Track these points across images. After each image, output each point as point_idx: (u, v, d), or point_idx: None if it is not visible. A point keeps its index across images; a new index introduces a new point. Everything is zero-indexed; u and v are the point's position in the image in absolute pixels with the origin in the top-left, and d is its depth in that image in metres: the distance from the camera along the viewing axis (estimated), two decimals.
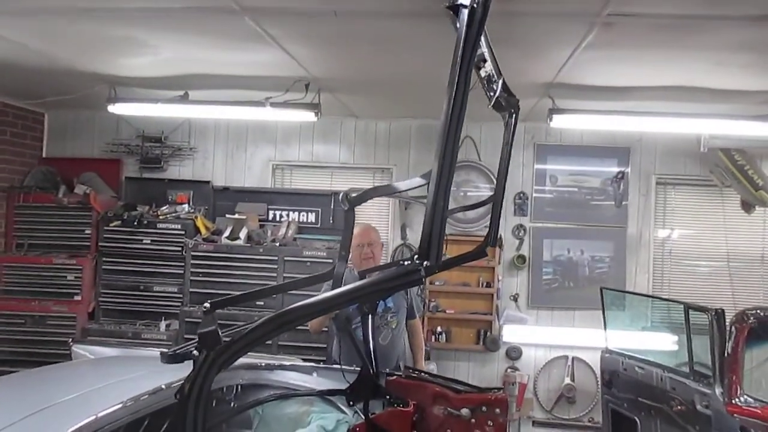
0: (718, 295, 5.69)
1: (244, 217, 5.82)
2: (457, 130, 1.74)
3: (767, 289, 5.79)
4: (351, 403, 3.33)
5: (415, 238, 6.00)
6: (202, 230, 5.79)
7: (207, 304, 1.90)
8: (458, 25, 1.75)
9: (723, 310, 3.39)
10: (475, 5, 1.71)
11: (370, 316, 3.37)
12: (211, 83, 4.79)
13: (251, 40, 3.70)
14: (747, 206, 5.46)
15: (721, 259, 5.82)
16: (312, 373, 3.50)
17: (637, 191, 5.92)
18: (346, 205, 2.87)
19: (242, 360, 2.15)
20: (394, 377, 3.36)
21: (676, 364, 3.88)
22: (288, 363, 3.55)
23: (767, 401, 3.11)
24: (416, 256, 1.73)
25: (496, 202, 1.99)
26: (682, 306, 3.72)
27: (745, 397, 3.15)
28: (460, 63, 1.72)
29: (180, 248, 5.71)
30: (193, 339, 1.84)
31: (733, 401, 3.15)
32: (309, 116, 4.92)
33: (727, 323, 3.38)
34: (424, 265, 1.72)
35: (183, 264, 5.67)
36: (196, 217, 5.85)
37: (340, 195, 2.88)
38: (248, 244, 5.62)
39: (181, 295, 5.69)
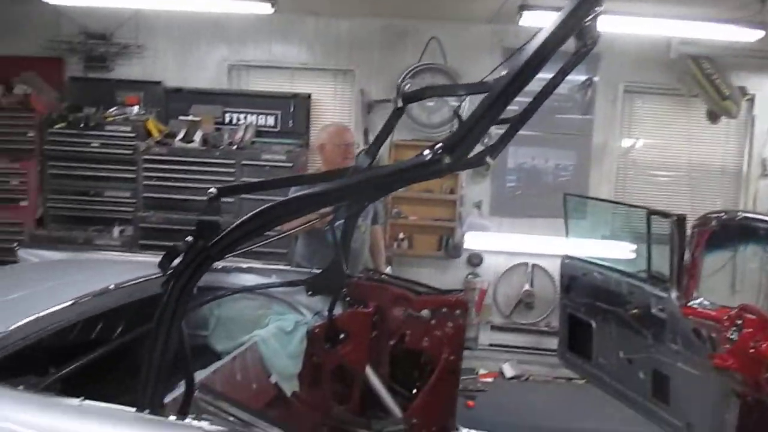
0: (678, 206, 5.70)
1: (198, 119, 5.55)
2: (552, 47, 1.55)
3: (725, 200, 5.87)
4: (311, 292, 3.28)
5: None
6: (154, 133, 5.51)
7: (213, 190, 1.74)
8: None
9: (685, 216, 3.37)
10: None
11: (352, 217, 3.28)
12: None
13: None
14: (713, 116, 5.43)
15: (682, 169, 5.84)
16: (271, 276, 3.41)
17: (604, 99, 5.81)
18: (399, 103, 2.63)
19: None
20: (354, 279, 3.30)
21: (635, 270, 3.90)
22: (245, 265, 3.45)
23: (721, 305, 3.14)
24: (439, 148, 1.53)
25: (520, 121, 1.88)
26: (644, 211, 3.69)
27: (701, 300, 3.18)
28: None
29: (131, 152, 5.45)
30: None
31: (689, 303, 3.18)
32: (265, 7, 4.59)
33: (687, 229, 3.37)
34: (446, 160, 1.53)
35: (135, 168, 5.43)
36: (147, 120, 5.56)
37: (396, 90, 2.64)
38: (204, 148, 5.39)
39: (134, 200, 5.47)
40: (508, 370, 5.72)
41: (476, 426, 3.47)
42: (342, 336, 3.16)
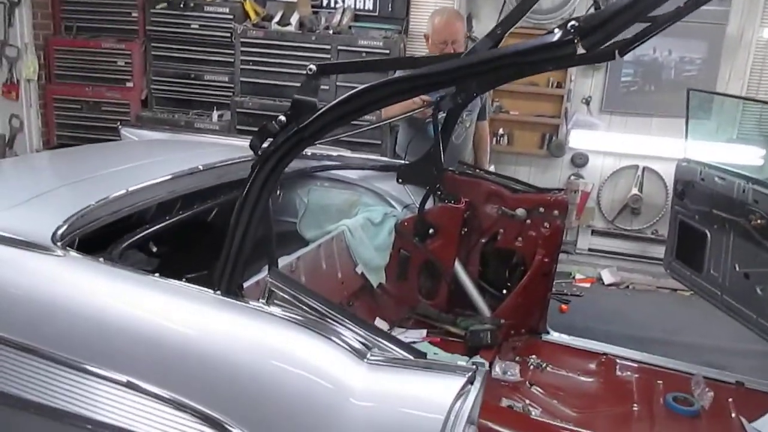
0: None
1: (296, 0, 5.35)
2: None
3: None
4: (401, 180, 3.17)
5: (482, 31, 5.44)
6: (252, 15, 5.38)
7: (313, 67, 1.61)
8: None
9: None
10: None
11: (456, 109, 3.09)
12: None
13: None
14: None
15: None
16: (363, 166, 3.32)
17: None
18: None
19: None
20: (448, 172, 3.13)
21: (764, 177, 3.48)
22: (335, 153, 3.36)
23: None
24: (572, 27, 1.25)
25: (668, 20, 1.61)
26: None
27: None
28: None
29: (229, 34, 5.37)
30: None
31: None
32: None
33: None
34: (578, 45, 1.25)
35: (233, 52, 5.38)
36: (245, 1, 5.42)
37: None
38: (299, 31, 5.21)
39: (232, 85, 5.47)
40: (608, 277, 5.46)
41: (569, 331, 3.35)
42: (431, 231, 3.06)
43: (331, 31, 5.21)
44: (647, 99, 5.42)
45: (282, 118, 1.53)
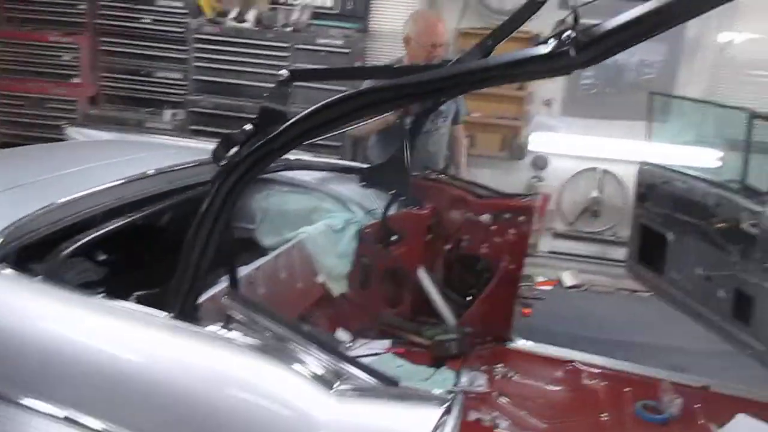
0: None
1: None
2: None
3: None
4: (365, 184, 3.07)
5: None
6: (207, 10, 5.19)
7: (285, 72, 1.46)
8: None
9: None
10: None
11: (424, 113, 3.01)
12: None
13: None
14: None
15: None
16: (324, 170, 3.20)
17: None
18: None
19: None
20: (413, 177, 3.05)
21: (726, 180, 3.51)
22: (293, 157, 3.23)
23: None
24: (568, 38, 1.15)
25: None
26: (745, 114, 3.25)
27: None
28: None
29: (183, 29, 5.17)
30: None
31: None
32: None
33: None
34: (573, 55, 1.14)
35: (187, 48, 5.18)
36: None
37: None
38: (257, 28, 5.06)
39: (186, 83, 5.27)
40: (568, 279, 5.47)
41: (532, 335, 3.31)
42: (395, 237, 2.97)
43: (289, 29, 5.06)
44: (608, 101, 5.45)
45: (249, 126, 1.40)
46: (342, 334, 2.84)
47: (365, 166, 3.21)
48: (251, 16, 5.08)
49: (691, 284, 3.58)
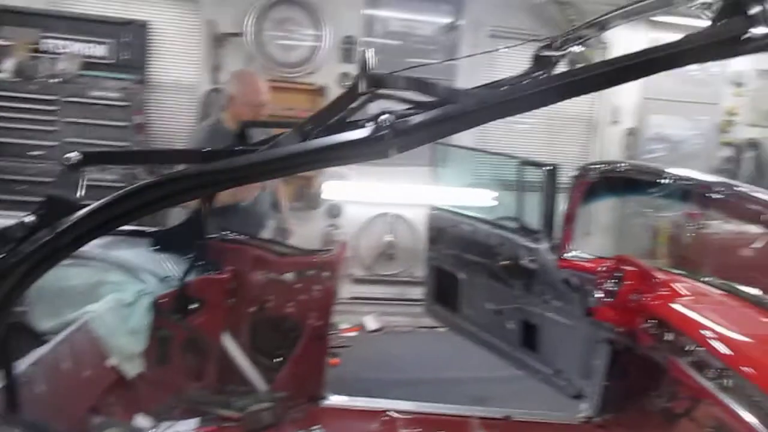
0: (537, 153, 5.75)
1: (10, 44, 4.63)
2: None
3: (579, 147, 6.02)
4: (159, 248, 2.83)
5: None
6: None
7: (76, 154, 1.20)
8: None
9: (557, 166, 3.30)
10: None
11: None
12: None
13: None
14: (572, 63, 5.45)
15: (540, 116, 5.87)
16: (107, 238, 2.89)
17: (468, 44, 5.65)
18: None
19: None
20: (209, 240, 2.87)
21: (505, 221, 3.84)
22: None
23: (595, 255, 3.13)
24: (385, 121, 1.15)
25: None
26: (516, 161, 3.59)
27: (576, 251, 3.15)
28: None
29: None
30: None
31: (564, 255, 3.13)
32: None
33: (557, 179, 3.30)
34: (393, 140, 1.14)
35: None
36: None
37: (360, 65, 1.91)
38: (17, 79, 4.51)
39: None
40: (370, 323, 5.57)
41: (342, 384, 3.28)
42: (194, 305, 2.76)
43: (56, 80, 4.59)
44: None
45: (30, 218, 1.17)
46: (142, 420, 2.54)
47: (156, 229, 2.96)
48: (9, 65, 4.52)
49: (484, 318, 3.83)
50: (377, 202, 5.78)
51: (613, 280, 2.63)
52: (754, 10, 1.08)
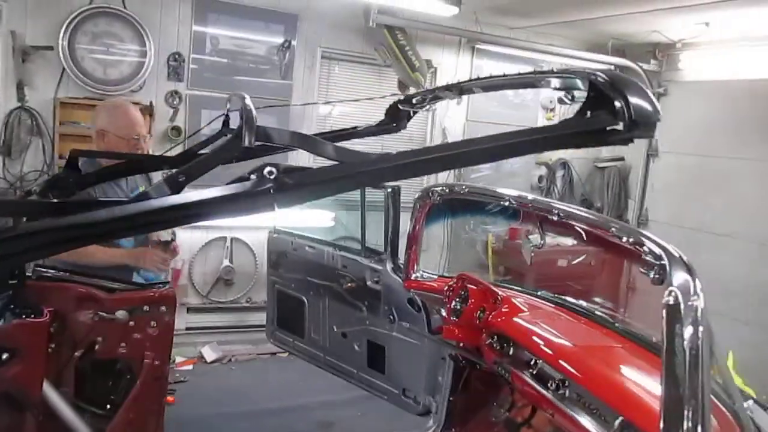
0: None
1: None
2: None
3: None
4: None
5: (38, 99, 4.76)
6: None
7: None
8: None
9: (399, 188, 3.36)
10: None
11: None
12: None
13: None
14: (403, 87, 5.65)
15: (380, 139, 5.97)
16: None
17: (302, 64, 5.62)
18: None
19: None
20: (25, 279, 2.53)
21: (348, 243, 3.83)
22: None
23: (438, 274, 3.22)
24: (271, 173, 1.14)
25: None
26: None
27: (422, 272, 3.21)
28: None
29: None
30: None
31: (411, 276, 3.18)
32: None
33: (401, 200, 3.36)
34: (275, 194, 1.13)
35: None
36: None
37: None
38: None
39: None
40: (209, 354, 5.28)
41: (180, 426, 3.06)
42: (6, 355, 2.40)
43: None
44: (228, 173, 5.45)
45: None
46: None
47: None
48: None
49: (330, 342, 3.78)
50: (213, 225, 5.52)
51: (458, 299, 2.72)
52: (617, 105, 1.19)
